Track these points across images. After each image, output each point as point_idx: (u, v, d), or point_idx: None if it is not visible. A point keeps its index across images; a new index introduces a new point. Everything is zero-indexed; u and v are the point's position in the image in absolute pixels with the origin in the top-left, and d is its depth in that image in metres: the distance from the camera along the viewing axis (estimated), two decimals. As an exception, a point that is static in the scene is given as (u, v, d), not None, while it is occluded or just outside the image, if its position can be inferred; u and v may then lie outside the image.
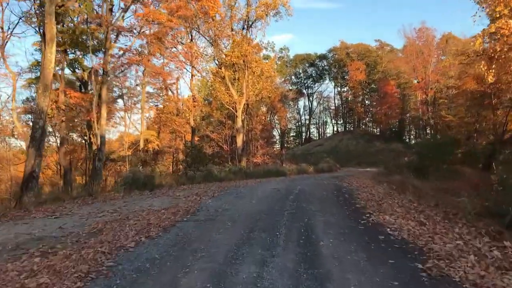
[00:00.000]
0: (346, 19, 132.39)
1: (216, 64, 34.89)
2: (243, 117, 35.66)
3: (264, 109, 52.37)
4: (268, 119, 51.76)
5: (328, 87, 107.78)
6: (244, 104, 35.40)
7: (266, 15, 33.51)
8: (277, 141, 70.03)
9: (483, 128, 36.18)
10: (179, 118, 33.77)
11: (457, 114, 40.84)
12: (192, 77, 32.46)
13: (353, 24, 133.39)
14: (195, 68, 32.07)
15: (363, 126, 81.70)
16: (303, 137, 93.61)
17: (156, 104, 36.33)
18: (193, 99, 32.34)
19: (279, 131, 62.50)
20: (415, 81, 73.70)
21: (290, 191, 13.37)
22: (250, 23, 34.39)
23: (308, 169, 33.70)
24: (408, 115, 72.24)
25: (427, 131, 56.71)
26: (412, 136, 77.07)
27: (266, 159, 45.16)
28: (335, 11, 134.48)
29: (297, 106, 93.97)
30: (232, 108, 34.58)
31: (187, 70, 33.08)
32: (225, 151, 36.89)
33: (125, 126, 33.58)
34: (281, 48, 61.40)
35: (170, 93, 37.91)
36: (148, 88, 36.31)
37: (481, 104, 34.40)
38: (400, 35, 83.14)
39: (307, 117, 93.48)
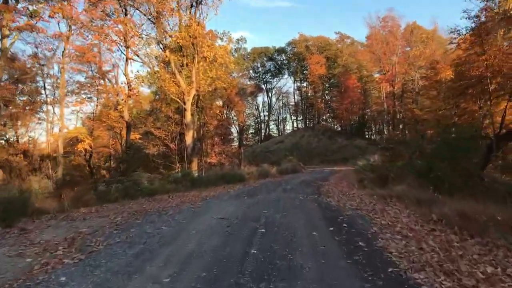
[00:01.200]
0: (306, 16, 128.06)
1: (161, 48, 28.36)
2: (193, 111, 29.38)
3: (219, 103, 46.21)
4: (224, 114, 45.56)
5: (287, 82, 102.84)
6: (195, 96, 29.19)
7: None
8: (235, 139, 64.03)
9: (463, 122, 31.65)
10: (116, 112, 26.98)
11: (431, 107, 36.29)
12: (127, 61, 25.72)
13: (313, 19, 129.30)
14: (131, 50, 25.35)
15: (324, 122, 77.09)
16: (263, 134, 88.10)
17: (89, 96, 29.23)
18: (128, 87, 25.58)
19: (237, 127, 56.48)
20: (376, 75, 70.04)
21: (250, 227, 7.33)
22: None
23: (270, 170, 27.94)
24: (368, 110, 68.17)
25: (391, 127, 52.47)
26: (375, 132, 73.21)
27: (223, 158, 39.07)
28: (293, 9, 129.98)
29: (256, 102, 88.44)
30: (180, 100, 28.21)
31: (122, 52, 26.33)
32: (173, 150, 30.44)
33: (47, 122, 26.46)
34: (237, 39, 55.33)
35: (108, 83, 30.87)
36: (80, 77, 29.19)
37: (462, 94, 29.76)
38: (365, 24, 78.68)
39: (266, 113, 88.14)
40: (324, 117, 78.95)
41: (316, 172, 31.38)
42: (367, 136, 69.14)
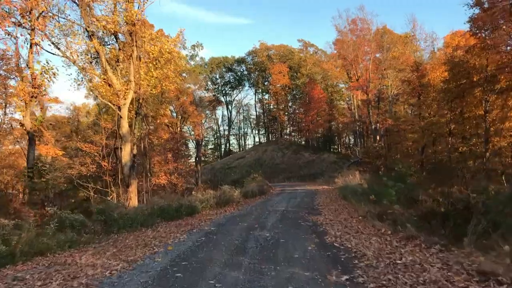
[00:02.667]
0: (266, 30, 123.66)
1: (87, 36, 21.17)
2: (132, 119, 22.42)
3: (172, 113, 39.35)
4: (178, 126, 38.65)
5: (248, 94, 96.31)
6: (134, 99, 22.39)
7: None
8: (192, 155, 56.94)
9: (460, 130, 26.45)
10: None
11: (420, 113, 31.08)
12: (31, 47, 18.37)
13: (275, 32, 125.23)
14: (39, 33, 18.03)
15: (287, 136, 71.37)
16: (223, 149, 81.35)
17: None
18: (33, 83, 18.17)
19: (194, 142, 49.51)
20: (342, 85, 65.42)
21: None
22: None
23: (232, 194, 21.31)
24: (333, 123, 63.11)
25: (363, 139, 47.30)
26: (342, 145, 68.22)
27: (174, 178, 32.08)
28: (253, 26, 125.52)
29: (215, 116, 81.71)
30: (113, 104, 21.16)
31: (26, 35, 18.94)
32: (107, 169, 23.22)
33: None
34: (193, 45, 48.71)
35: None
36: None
37: (460, 97, 24.57)
38: (333, 28, 73.17)
39: (226, 127, 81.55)
40: (288, 131, 73.41)
41: (288, 194, 25.06)
42: (335, 150, 63.92)
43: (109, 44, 22.82)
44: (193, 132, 43.81)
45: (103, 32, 21.62)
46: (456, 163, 26.84)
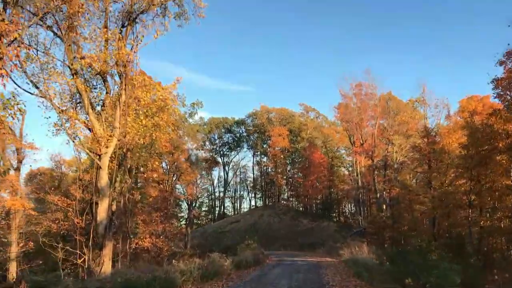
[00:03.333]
0: (267, 96, 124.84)
1: (70, 74, 18.85)
2: (111, 172, 19.46)
3: (164, 170, 36.49)
4: (170, 184, 35.64)
5: (246, 156, 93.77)
6: (118, 148, 19.73)
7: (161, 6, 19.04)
8: (185, 216, 53.16)
9: (482, 201, 23.47)
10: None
11: (429, 182, 28.29)
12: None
13: (275, 96, 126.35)
14: (10, 61, 15.67)
15: (285, 201, 67.84)
16: (216, 212, 77.36)
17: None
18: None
19: (186, 202, 46.04)
20: (343, 151, 63.31)
21: None
22: (134, 16, 19.32)
23: (222, 264, 17.86)
24: (333, 190, 60.04)
25: (367, 207, 44.07)
26: (342, 213, 64.56)
27: (160, 241, 28.49)
28: (254, 93, 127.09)
29: (211, 177, 78.66)
30: (92, 153, 18.42)
31: None
32: (79, 227, 19.84)
33: None
34: (193, 103, 46.95)
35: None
36: None
37: (483, 164, 21.92)
38: (337, 91, 71.68)
39: (222, 189, 78.15)
40: (286, 196, 70.08)
41: (288, 266, 21.50)
42: (334, 218, 60.23)
43: (95, 88, 20.51)
44: (185, 191, 40.63)
45: (89, 72, 19.34)
46: (478, 239, 23.62)
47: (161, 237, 29.11)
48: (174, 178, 37.21)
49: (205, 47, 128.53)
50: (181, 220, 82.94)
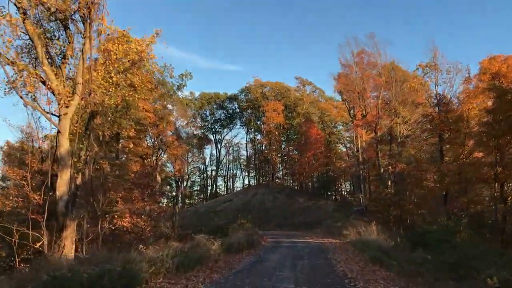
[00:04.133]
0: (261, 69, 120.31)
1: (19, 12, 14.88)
2: (73, 137, 15.81)
3: (144, 138, 32.86)
4: (153, 157, 32.12)
5: (239, 133, 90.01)
6: (82, 109, 16.08)
7: None
8: (173, 193, 49.84)
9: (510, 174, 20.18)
10: None
11: (442, 155, 25.02)
12: None
13: (270, 69, 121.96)
14: None
15: (279, 180, 64.51)
16: (208, 191, 74.12)
17: None
18: None
19: (174, 179, 42.60)
20: (340, 127, 59.91)
21: None
22: None
23: (209, 248, 14.52)
24: (330, 167, 56.74)
25: (366, 185, 40.84)
26: (339, 192, 61.49)
27: (142, 221, 25.08)
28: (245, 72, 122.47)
29: (203, 155, 75.21)
30: (50, 114, 14.79)
31: None
32: (37, 205, 16.31)
33: None
34: (181, 74, 42.89)
35: None
36: None
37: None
38: (337, 56, 66.53)
39: (214, 168, 74.74)
40: (281, 174, 66.84)
41: (288, 249, 18.22)
42: (332, 197, 57.17)
43: (58, 38, 16.66)
44: (170, 165, 37.13)
45: (45, 15, 15.46)
46: (502, 218, 20.44)
47: (143, 216, 25.69)
48: (160, 153, 33.65)
49: (198, 24, 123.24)
50: (172, 199, 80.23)
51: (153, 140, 32.53)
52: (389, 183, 31.25)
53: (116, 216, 20.68)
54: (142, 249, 10.86)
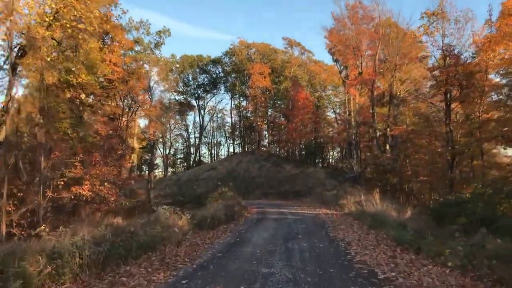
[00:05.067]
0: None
1: None
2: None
3: (114, 98, 28.35)
4: (122, 119, 27.73)
5: (223, 99, 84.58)
6: (4, 39, 11.78)
7: None
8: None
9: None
10: None
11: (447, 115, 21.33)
12: None
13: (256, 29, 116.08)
14: None
15: (265, 148, 60.49)
16: (192, 159, 69.98)
17: None
18: None
19: (149, 143, 38.27)
20: (330, 92, 55.75)
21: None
22: None
23: (175, 224, 10.59)
24: (319, 132, 52.94)
25: (358, 151, 37.24)
26: (325, 159, 57.98)
27: (105, 188, 20.97)
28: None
29: (186, 122, 70.62)
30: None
31: None
32: None
33: None
34: (159, 31, 37.80)
35: None
36: None
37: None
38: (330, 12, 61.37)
39: (198, 135, 70.24)
40: (267, 142, 62.93)
41: (276, 222, 14.38)
42: (320, 164, 53.65)
43: None
44: (147, 130, 32.78)
45: None
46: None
47: (106, 184, 21.54)
48: (131, 114, 29.23)
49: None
50: (157, 168, 75.94)
51: (122, 99, 27.97)
52: (387, 148, 27.54)
53: (63, 183, 16.45)
54: (44, 234, 6.76)
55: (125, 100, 28.12)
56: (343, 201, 19.75)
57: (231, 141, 70.28)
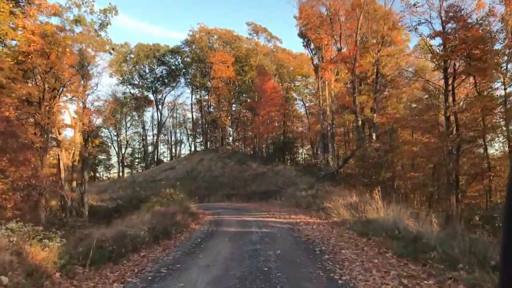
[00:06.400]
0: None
1: None
2: None
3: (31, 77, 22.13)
4: (44, 102, 21.46)
5: (183, 93, 77.24)
6: None
7: None
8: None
9: None
10: None
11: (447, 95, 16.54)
12: None
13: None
14: None
15: (229, 147, 54.72)
16: (149, 159, 63.34)
17: None
18: None
19: (82, 134, 31.59)
20: (299, 83, 50.75)
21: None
22: None
23: (28, 257, 4.84)
24: (288, 125, 48.00)
25: (333, 145, 32.38)
26: (302, 155, 53.00)
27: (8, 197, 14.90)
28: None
29: (143, 118, 63.89)
30: None
31: None
32: None
33: None
34: (104, 9, 31.38)
35: None
36: None
37: None
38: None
39: (156, 132, 63.59)
40: (231, 139, 57.35)
41: (234, 242, 8.90)
42: (289, 161, 48.51)
43: None
44: (79, 118, 26.35)
45: None
46: None
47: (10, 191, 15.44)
48: (54, 95, 22.85)
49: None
50: (109, 168, 68.51)
51: (41, 77, 21.59)
52: (374, 136, 22.62)
53: None
54: None
55: (44, 78, 21.75)
56: (328, 204, 14.48)
57: (193, 139, 64.12)
